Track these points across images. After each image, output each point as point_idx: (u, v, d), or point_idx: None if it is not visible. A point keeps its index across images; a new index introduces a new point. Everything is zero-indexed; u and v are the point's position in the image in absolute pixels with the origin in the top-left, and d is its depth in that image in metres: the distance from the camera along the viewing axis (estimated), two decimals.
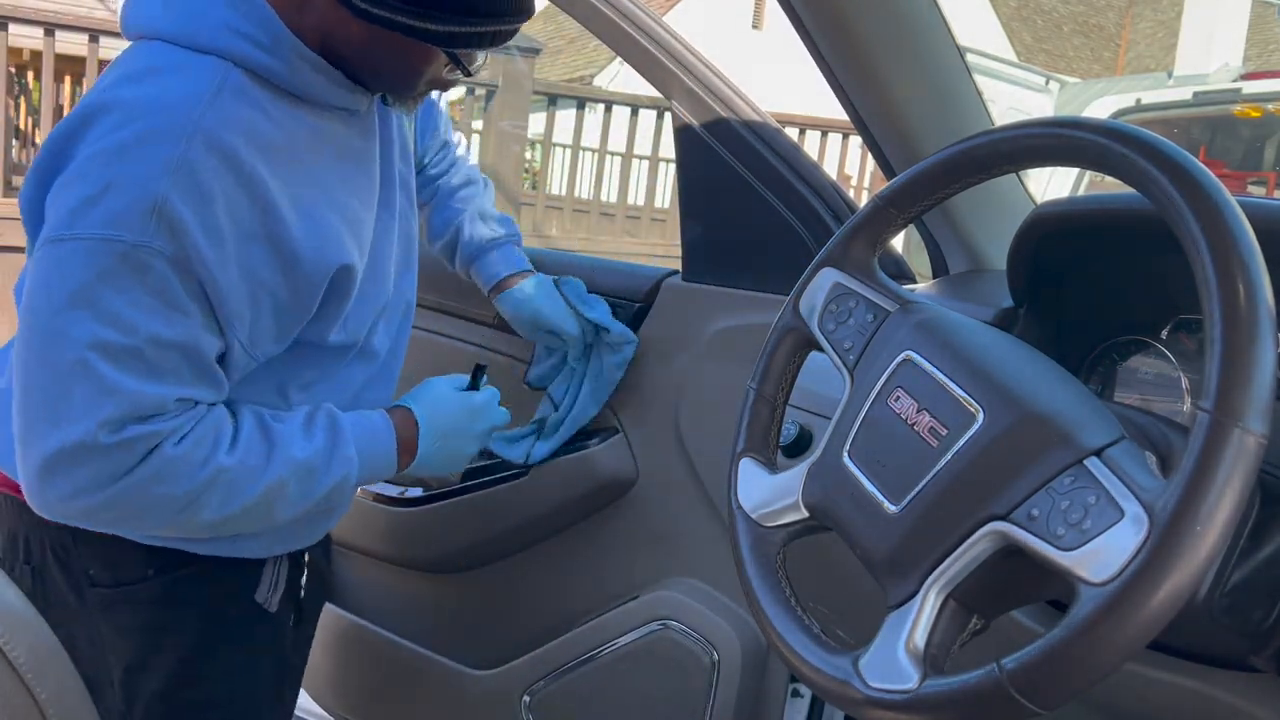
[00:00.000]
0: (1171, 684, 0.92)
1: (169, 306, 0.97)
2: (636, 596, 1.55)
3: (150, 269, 0.95)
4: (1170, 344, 1.02)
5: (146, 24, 1.04)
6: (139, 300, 0.95)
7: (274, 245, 1.02)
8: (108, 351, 0.95)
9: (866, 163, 8.58)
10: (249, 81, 1.02)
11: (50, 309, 0.95)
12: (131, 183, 0.94)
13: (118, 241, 0.94)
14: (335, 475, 1.12)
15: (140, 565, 1.16)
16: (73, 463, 0.97)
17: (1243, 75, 5.38)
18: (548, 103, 7.66)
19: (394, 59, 1.08)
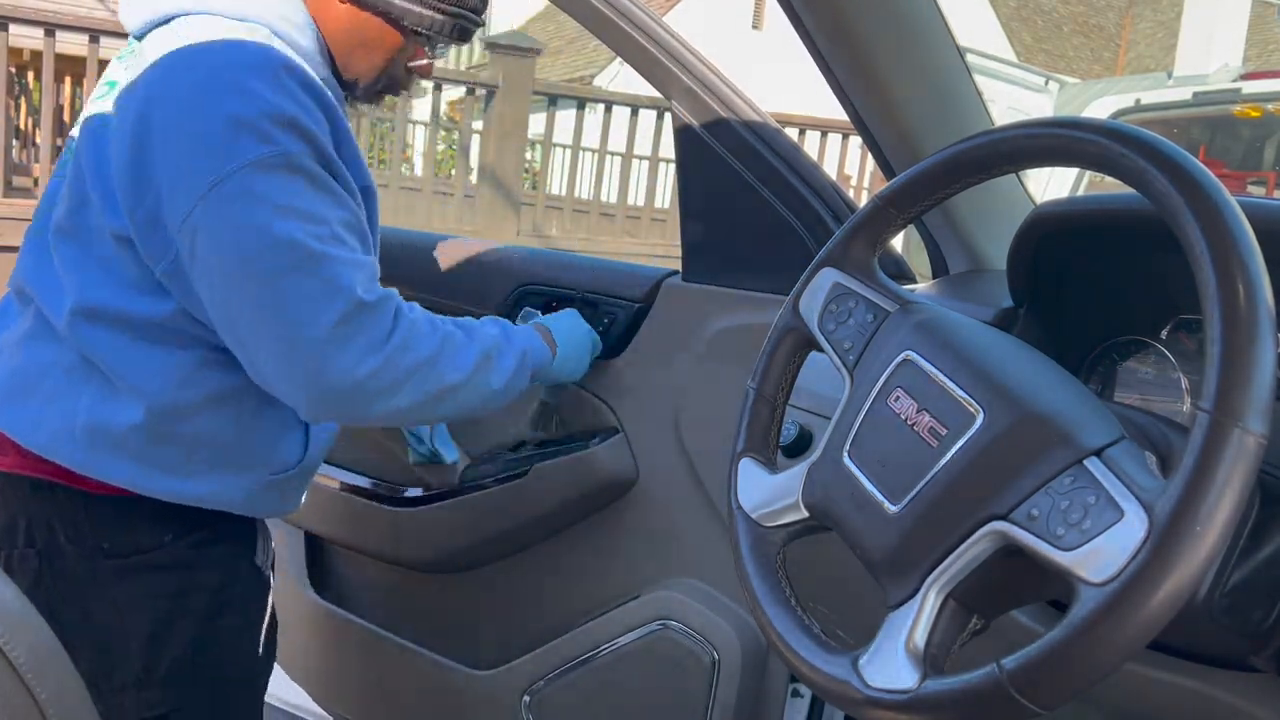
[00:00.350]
0: (1171, 684, 0.92)
1: (332, 194, 1.11)
2: (636, 596, 1.55)
3: (307, 170, 1.08)
4: (1170, 344, 1.02)
5: (185, 4, 1.14)
6: (312, 196, 1.08)
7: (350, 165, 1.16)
8: (320, 238, 1.07)
9: (866, 163, 8.58)
10: (286, 47, 1.15)
11: (261, 230, 1.05)
12: (259, 107, 1.06)
13: (276, 155, 1.06)
14: (518, 347, 1.28)
15: (156, 532, 1.21)
16: (352, 328, 1.08)
17: (1243, 75, 5.37)
18: (548, 103, 7.66)
19: (369, 44, 1.22)
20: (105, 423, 1.16)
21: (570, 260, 1.71)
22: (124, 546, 1.20)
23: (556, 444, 1.59)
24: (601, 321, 1.56)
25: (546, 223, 8.07)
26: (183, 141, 1.07)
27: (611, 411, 1.56)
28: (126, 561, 1.20)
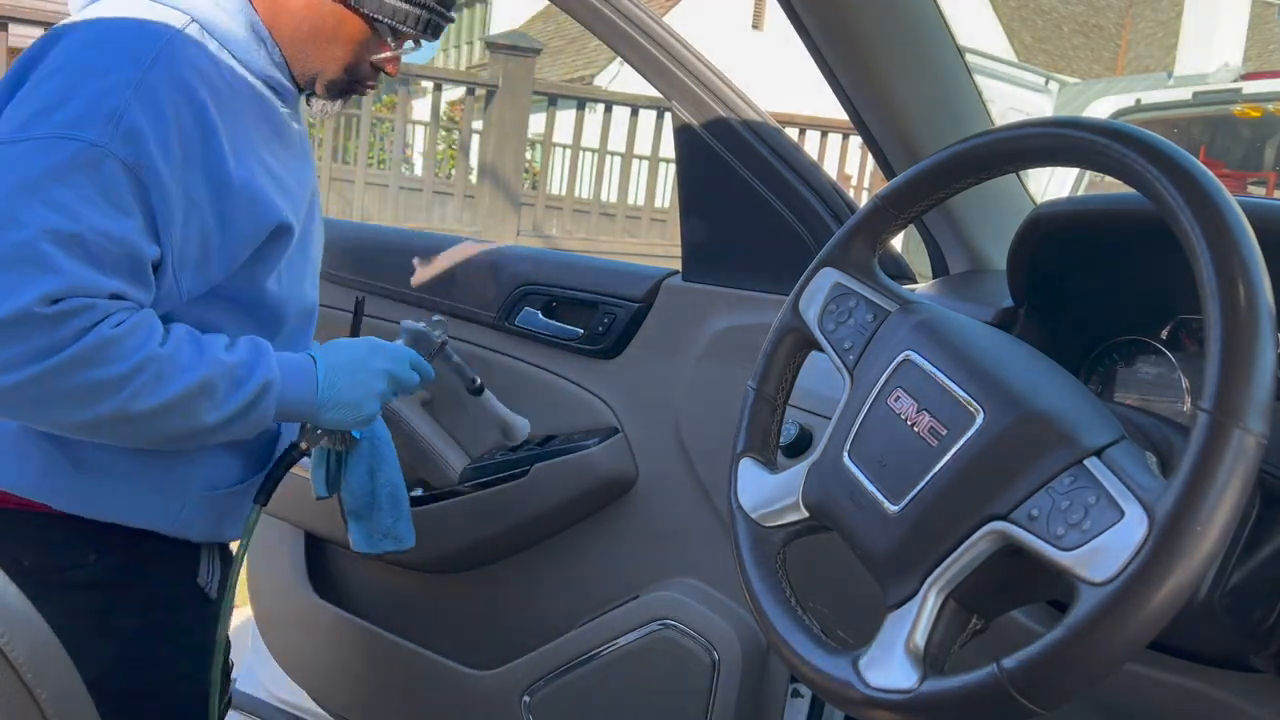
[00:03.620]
0: (1171, 684, 0.92)
1: (114, 206, 1.01)
2: (636, 596, 1.55)
3: (101, 168, 1.00)
4: (1170, 344, 1.02)
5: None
6: (87, 195, 0.99)
7: (210, 177, 1.07)
8: (54, 236, 0.98)
9: (866, 163, 8.58)
10: (206, 35, 1.09)
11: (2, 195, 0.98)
12: (93, 93, 1.00)
13: (73, 140, 0.99)
14: (259, 378, 1.11)
15: (80, 549, 1.14)
16: (8, 334, 0.96)
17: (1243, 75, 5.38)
18: (548, 103, 7.67)
19: (326, 33, 1.16)
20: (5, 430, 1.09)
21: (570, 260, 1.71)
22: (42, 564, 1.12)
23: (556, 444, 1.59)
24: (601, 321, 1.56)
25: (546, 223, 8.07)
26: (20, 96, 1.03)
27: (611, 411, 1.56)
28: (42, 579, 1.07)
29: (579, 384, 1.59)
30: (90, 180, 0.99)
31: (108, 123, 1.00)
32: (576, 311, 1.59)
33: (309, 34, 1.16)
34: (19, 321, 0.96)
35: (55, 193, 0.98)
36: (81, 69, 1.02)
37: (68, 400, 1.00)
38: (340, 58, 1.19)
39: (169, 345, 1.05)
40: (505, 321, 1.63)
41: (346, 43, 1.17)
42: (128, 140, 1.01)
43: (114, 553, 1.15)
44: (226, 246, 1.11)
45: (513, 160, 7.59)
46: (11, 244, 0.97)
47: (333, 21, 1.16)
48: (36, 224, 0.97)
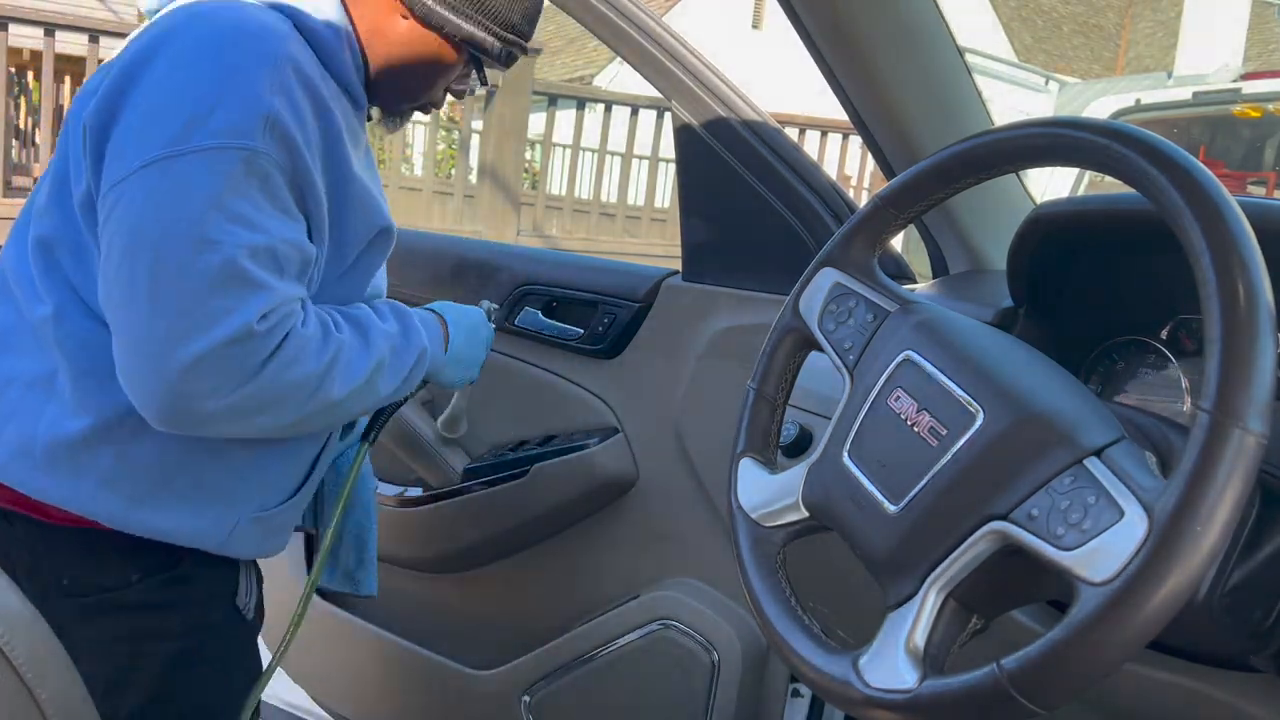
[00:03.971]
0: (1171, 684, 0.92)
1: (286, 212, 1.02)
2: (636, 596, 1.55)
3: (269, 176, 1.00)
4: (1170, 344, 1.02)
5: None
6: (262, 205, 0.99)
7: (334, 178, 1.09)
8: (251, 252, 0.98)
9: (866, 163, 8.58)
10: (303, 39, 1.08)
11: (185, 217, 0.96)
12: (245, 97, 0.99)
13: (240, 149, 0.97)
14: (417, 346, 1.18)
15: (122, 569, 1.12)
16: (227, 356, 0.97)
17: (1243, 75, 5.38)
18: (548, 103, 7.66)
19: (425, 63, 1.17)
20: (67, 441, 1.06)
21: (570, 260, 1.71)
22: (85, 585, 1.10)
23: (557, 444, 1.59)
24: (602, 321, 1.56)
25: (546, 223, 8.07)
26: (152, 102, 0.99)
27: (611, 411, 1.56)
28: (87, 601, 1.10)
29: (579, 384, 1.59)
30: (262, 189, 0.99)
31: (264, 128, 0.99)
32: (576, 311, 1.59)
33: (405, 61, 1.17)
34: (238, 341, 0.97)
35: (237, 207, 0.98)
36: (222, 71, 0.99)
37: (275, 405, 1.03)
38: (428, 84, 1.21)
39: (344, 330, 1.10)
40: (505, 321, 1.63)
41: (439, 71, 1.19)
42: (283, 144, 1.00)
43: (156, 572, 1.13)
44: (338, 251, 1.12)
45: (513, 160, 7.59)
46: (213, 266, 0.96)
47: (432, 53, 1.17)
48: (231, 241, 0.97)
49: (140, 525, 1.09)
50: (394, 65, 1.17)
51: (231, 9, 1.04)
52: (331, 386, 1.06)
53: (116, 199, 0.98)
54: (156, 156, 0.97)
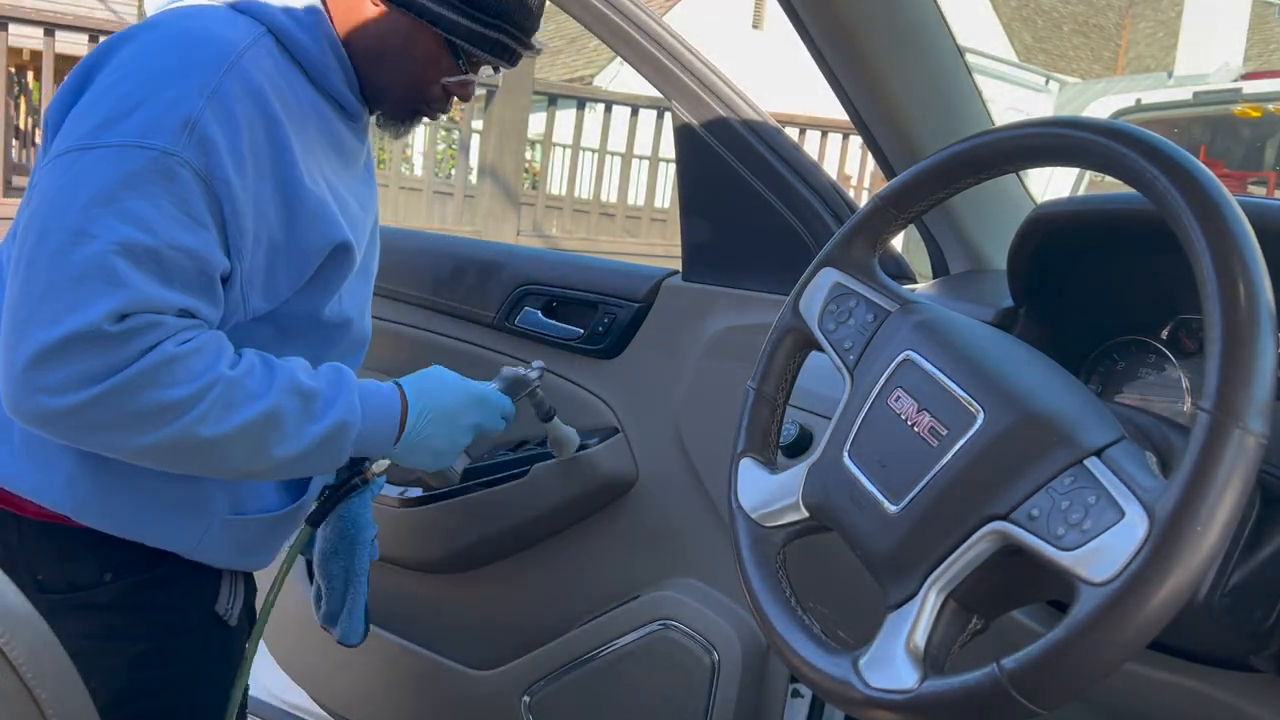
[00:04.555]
0: (1171, 684, 0.92)
1: (189, 216, 0.98)
2: (636, 596, 1.55)
3: (176, 177, 0.97)
4: (1170, 344, 1.02)
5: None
6: (162, 206, 0.96)
7: (281, 190, 1.04)
8: (127, 250, 0.95)
9: (866, 163, 8.58)
10: (279, 49, 1.06)
11: (72, 208, 0.95)
12: (167, 100, 0.97)
13: (148, 148, 0.96)
14: (336, 416, 1.07)
15: (96, 569, 1.10)
16: (71, 353, 0.93)
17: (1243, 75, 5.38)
18: (548, 103, 7.66)
19: (400, 51, 1.12)
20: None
21: (570, 260, 1.71)
22: (59, 582, 1.09)
23: None
24: (602, 321, 1.56)
25: (546, 223, 8.06)
26: (85, 101, 1.00)
27: (611, 411, 1.55)
28: (58, 599, 1.09)
29: (579, 384, 1.59)
30: (164, 190, 0.96)
31: (181, 131, 0.97)
32: (576, 311, 1.59)
33: (377, 49, 1.12)
34: (84, 339, 0.93)
35: (129, 204, 0.95)
36: (152, 75, 0.99)
37: (129, 423, 0.96)
38: (407, 77, 1.14)
39: (239, 369, 1.01)
40: (505, 321, 1.63)
41: (415, 61, 1.13)
42: (202, 149, 0.97)
43: (130, 573, 1.11)
44: (293, 263, 1.08)
45: (512, 160, 7.59)
46: (82, 258, 0.93)
47: (401, 37, 1.11)
48: (108, 237, 0.94)
49: (107, 522, 1.08)
50: (370, 57, 1.12)
51: (195, 18, 1.04)
52: (201, 421, 0.98)
53: (31, 185, 1.00)
54: (69, 148, 0.97)
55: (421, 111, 1.19)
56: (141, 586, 1.13)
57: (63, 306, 0.93)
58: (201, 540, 1.13)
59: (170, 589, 1.15)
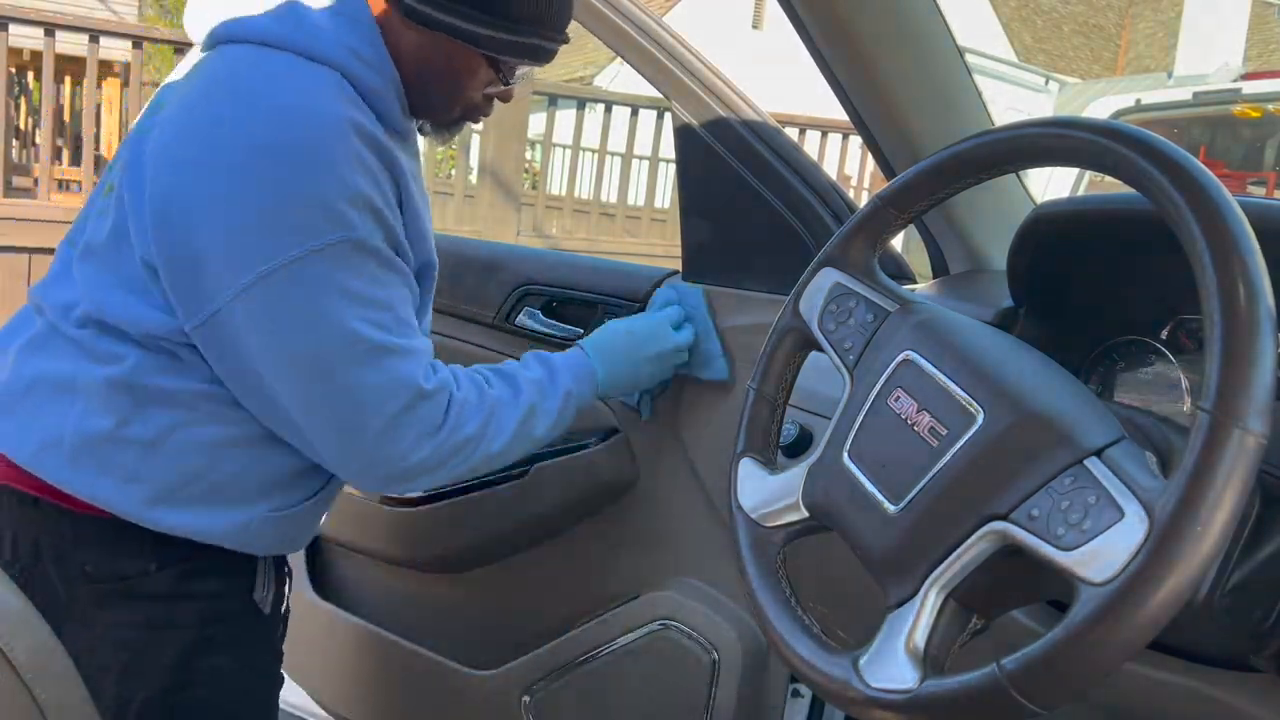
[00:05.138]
0: (1171, 684, 0.92)
1: (398, 273, 1.11)
2: (636, 596, 1.55)
3: (376, 251, 1.07)
4: (1170, 344, 1.02)
5: (252, 32, 1.09)
6: (381, 278, 1.08)
7: (405, 215, 1.14)
8: (385, 327, 1.07)
9: (866, 163, 8.57)
10: (354, 91, 1.11)
11: (323, 322, 1.04)
12: (332, 184, 1.03)
13: (348, 239, 1.04)
14: (561, 389, 1.25)
15: (141, 559, 1.15)
16: (408, 419, 1.09)
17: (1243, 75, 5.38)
18: (548, 103, 7.66)
19: (441, 70, 1.16)
20: (94, 438, 1.10)
21: (570, 260, 1.70)
22: (106, 572, 1.14)
23: (557, 444, 1.59)
24: (602, 321, 1.56)
25: (546, 223, 8.06)
26: (241, 210, 1.03)
27: (611, 412, 1.55)
28: (106, 588, 1.14)
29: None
30: (376, 263, 1.07)
31: (358, 210, 1.04)
32: (576, 311, 1.59)
33: (420, 70, 1.16)
34: (415, 403, 1.09)
35: (364, 290, 1.05)
36: (304, 160, 1.03)
37: (452, 460, 1.15)
38: (452, 93, 1.19)
39: (493, 386, 1.20)
40: (505, 321, 1.62)
41: (461, 76, 1.17)
42: (374, 216, 1.06)
43: (173, 563, 1.16)
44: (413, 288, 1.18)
45: (512, 160, 7.58)
46: (366, 350, 1.06)
47: (442, 57, 1.15)
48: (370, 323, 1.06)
49: (158, 522, 1.13)
50: (420, 80, 1.16)
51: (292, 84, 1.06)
52: (491, 441, 1.17)
53: (244, 314, 1.04)
54: (273, 267, 1.02)
55: (466, 118, 1.24)
56: (184, 576, 1.17)
57: (382, 393, 1.07)
58: (245, 532, 1.18)
59: (210, 578, 1.19)
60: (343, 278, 1.04)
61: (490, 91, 1.20)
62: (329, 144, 1.04)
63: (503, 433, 1.18)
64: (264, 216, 1.02)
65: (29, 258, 5.05)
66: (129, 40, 6.03)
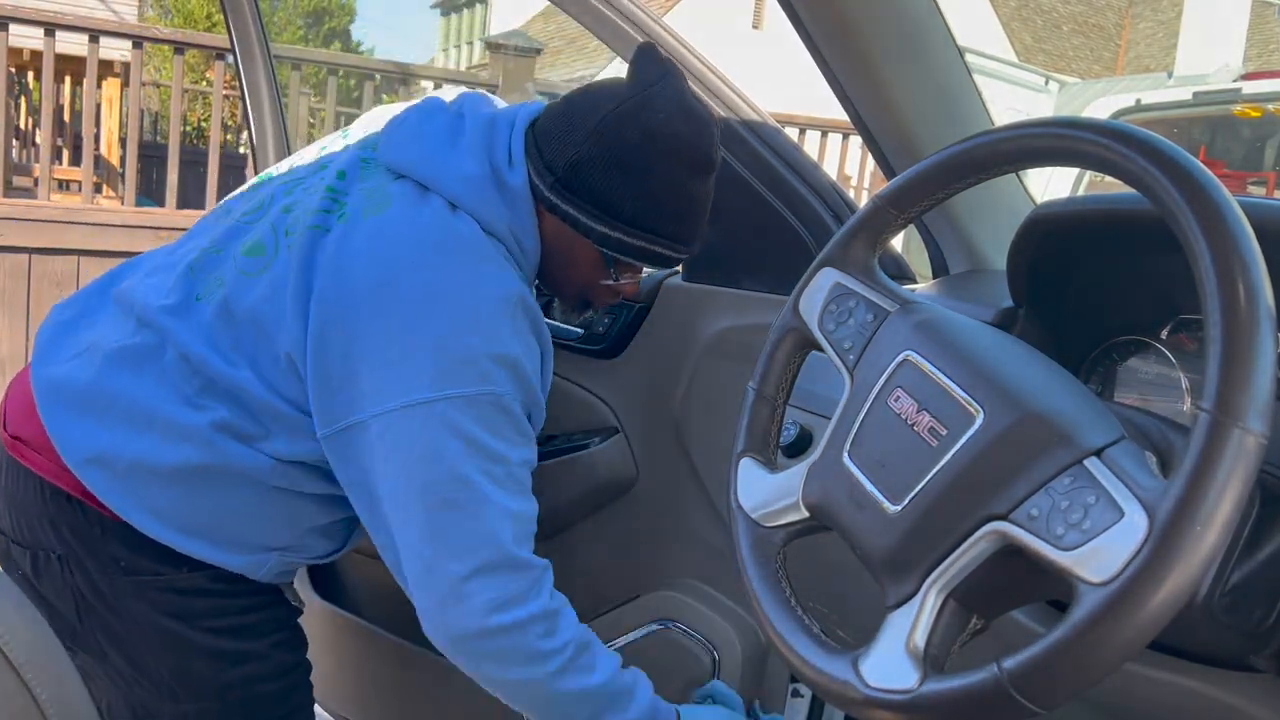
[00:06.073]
0: (1171, 684, 0.92)
1: (524, 436, 1.16)
2: (636, 597, 1.55)
3: (511, 411, 1.13)
4: (1170, 344, 1.02)
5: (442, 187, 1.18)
6: (509, 436, 1.13)
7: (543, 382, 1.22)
8: (497, 482, 1.12)
9: (866, 163, 8.57)
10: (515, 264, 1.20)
11: (445, 460, 1.09)
12: (492, 344, 1.11)
13: (490, 394, 1.11)
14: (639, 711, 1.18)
15: (173, 563, 1.20)
16: (487, 578, 1.10)
17: (1243, 75, 5.38)
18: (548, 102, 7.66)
19: (567, 259, 1.24)
20: (144, 469, 1.16)
21: None
22: (140, 567, 1.20)
23: (557, 444, 1.59)
24: (602, 321, 1.56)
25: None
26: (409, 344, 1.10)
27: (611, 411, 1.55)
28: (142, 580, 1.20)
29: (579, 384, 1.59)
30: (508, 422, 1.12)
31: (507, 372, 1.12)
32: None
33: (548, 251, 1.24)
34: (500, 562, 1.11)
35: (490, 443, 1.11)
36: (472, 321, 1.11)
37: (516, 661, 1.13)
38: (573, 276, 1.27)
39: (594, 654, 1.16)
40: None
41: (577, 265, 1.25)
42: (521, 382, 1.14)
43: (205, 566, 1.22)
44: None
45: None
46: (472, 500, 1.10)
47: (566, 244, 1.23)
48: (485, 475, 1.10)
49: (180, 548, 1.19)
50: (548, 261, 1.25)
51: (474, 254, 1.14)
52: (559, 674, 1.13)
53: (379, 435, 1.10)
54: (417, 401, 1.09)
55: (589, 304, 1.33)
56: (216, 578, 1.23)
57: (473, 541, 1.10)
58: (260, 569, 1.25)
59: (242, 581, 1.25)
60: (471, 426, 1.10)
61: (607, 284, 1.27)
62: (497, 308, 1.12)
63: (579, 677, 1.14)
64: (423, 357, 1.10)
65: (29, 258, 5.05)
66: (129, 40, 6.03)
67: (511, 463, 1.13)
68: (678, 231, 1.21)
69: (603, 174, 1.17)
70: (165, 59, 7.34)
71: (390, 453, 1.11)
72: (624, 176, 1.17)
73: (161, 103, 11.15)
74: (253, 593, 1.26)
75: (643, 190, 1.17)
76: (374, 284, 1.12)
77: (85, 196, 5.82)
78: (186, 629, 1.22)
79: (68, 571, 1.19)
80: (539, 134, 1.22)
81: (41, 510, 1.20)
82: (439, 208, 1.17)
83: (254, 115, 2.05)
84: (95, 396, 1.18)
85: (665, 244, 1.22)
